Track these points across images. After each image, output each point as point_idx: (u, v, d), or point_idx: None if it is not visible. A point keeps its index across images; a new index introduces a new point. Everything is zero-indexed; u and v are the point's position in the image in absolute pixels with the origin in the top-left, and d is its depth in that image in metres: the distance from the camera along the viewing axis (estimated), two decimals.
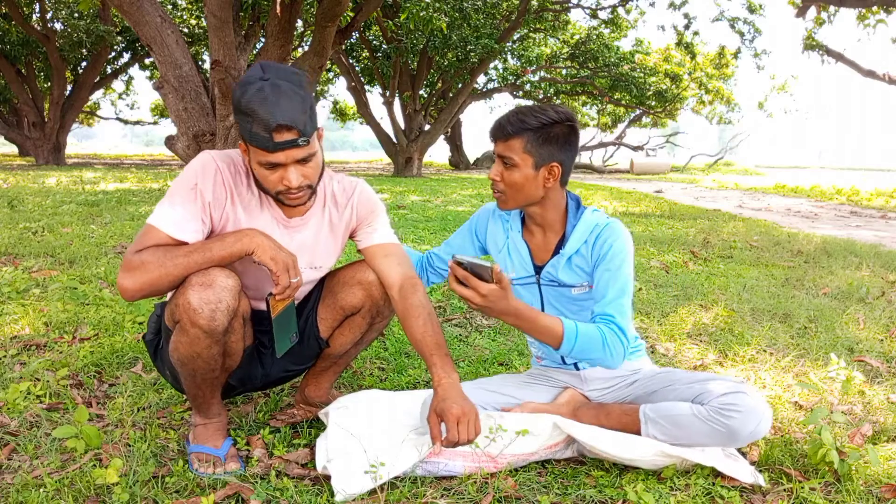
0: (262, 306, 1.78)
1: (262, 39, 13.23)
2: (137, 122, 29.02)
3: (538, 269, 1.86)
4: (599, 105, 25.42)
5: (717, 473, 1.68)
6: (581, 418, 1.82)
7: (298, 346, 1.84)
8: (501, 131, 1.72)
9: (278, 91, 1.48)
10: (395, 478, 1.62)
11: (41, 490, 1.53)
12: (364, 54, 18.41)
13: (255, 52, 14.22)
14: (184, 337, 1.55)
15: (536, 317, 1.63)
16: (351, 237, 1.86)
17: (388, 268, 1.78)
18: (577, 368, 1.92)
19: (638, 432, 1.72)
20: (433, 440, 1.56)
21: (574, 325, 1.65)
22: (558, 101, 26.30)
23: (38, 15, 17.33)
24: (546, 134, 1.70)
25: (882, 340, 2.95)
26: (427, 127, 18.04)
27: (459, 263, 1.48)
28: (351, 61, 18.43)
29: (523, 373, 2.06)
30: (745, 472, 1.68)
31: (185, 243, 1.55)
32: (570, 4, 17.81)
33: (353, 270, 1.85)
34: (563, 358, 1.90)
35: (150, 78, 22.24)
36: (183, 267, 1.51)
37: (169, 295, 1.64)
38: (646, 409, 1.73)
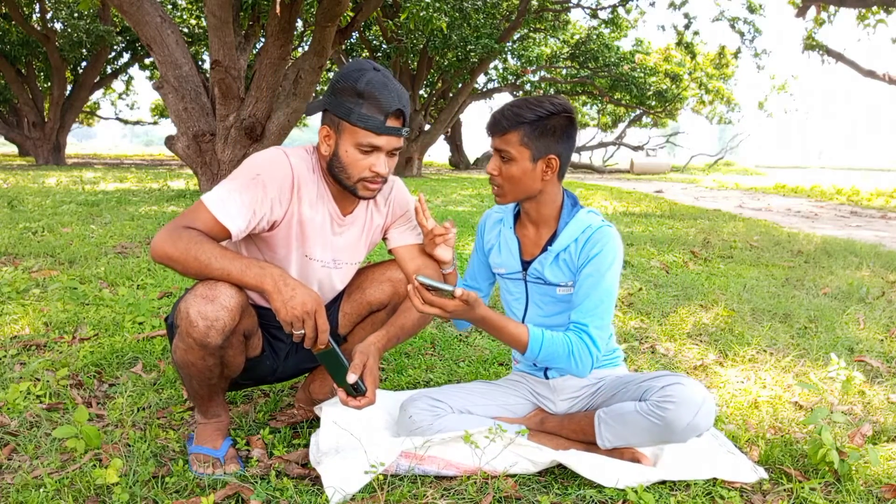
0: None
1: (262, 39, 13.23)
2: (137, 122, 29.04)
3: (526, 265, 1.82)
4: (599, 105, 25.44)
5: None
6: (547, 424, 1.87)
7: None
8: (497, 126, 1.69)
9: (394, 82, 1.61)
10: (395, 475, 1.62)
11: (41, 490, 1.53)
12: (364, 54, 18.39)
13: (255, 52, 14.22)
14: (181, 343, 1.56)
15: (504, 324, 1.64)
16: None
17: (416, 268, 1.83)
18: (547, 377, 1.89)
19: (594, 437, 1.74)
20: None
21: (541, 332, 1.65)
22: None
23: (38, 15, 17.34)
24: (543, 126, 1.66)
25: (882, 340, 2.95)
26: (427, 127, 18.04)
27: (424, 285, 1.50)
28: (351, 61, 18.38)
29: (503, 378, 2.05)
30: (746, 470, 1.68)
31: (228, 232, 1.53)
32: (570, 4, 17.81)
33: (383, 268, 1.89)
34: (535, 363, 1.88)
35: (150, 78, 22.23)
36: (203, 268, 1.48)
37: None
38: (600, 412, 1.74)
